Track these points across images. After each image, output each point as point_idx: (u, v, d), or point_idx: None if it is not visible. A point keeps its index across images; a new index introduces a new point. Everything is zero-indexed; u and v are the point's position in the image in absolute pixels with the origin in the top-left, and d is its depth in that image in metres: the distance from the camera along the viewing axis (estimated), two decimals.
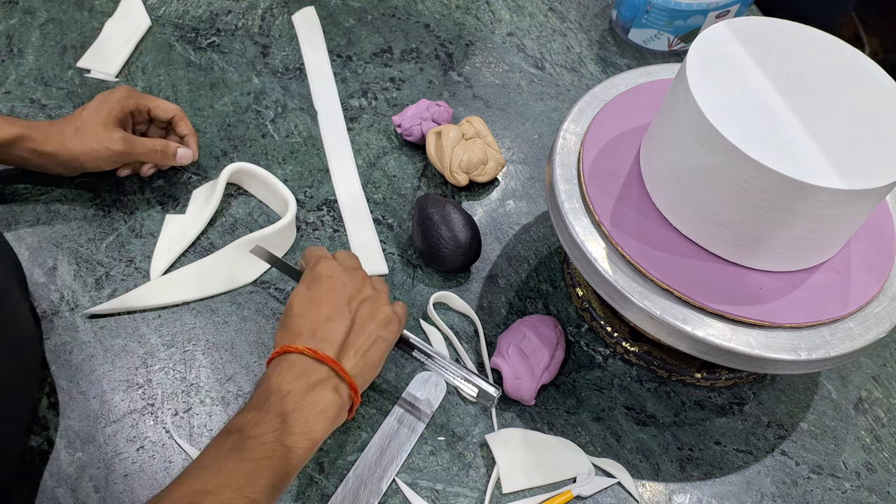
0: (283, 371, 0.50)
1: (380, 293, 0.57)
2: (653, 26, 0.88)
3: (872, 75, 0.53)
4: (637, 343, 0.65)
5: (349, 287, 0.55)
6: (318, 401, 0.49)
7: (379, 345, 0.55)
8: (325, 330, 0.52)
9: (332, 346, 0.52)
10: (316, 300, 0.54)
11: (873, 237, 0.58)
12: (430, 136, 0.74)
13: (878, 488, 0.62)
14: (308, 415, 0.49)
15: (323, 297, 0.54)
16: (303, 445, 0.48)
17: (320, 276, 0.56)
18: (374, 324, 0.55)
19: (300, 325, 0.53)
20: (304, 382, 0.50)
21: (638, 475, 0.61)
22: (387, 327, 0.55)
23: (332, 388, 0.50)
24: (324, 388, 0.50)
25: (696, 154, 0.50)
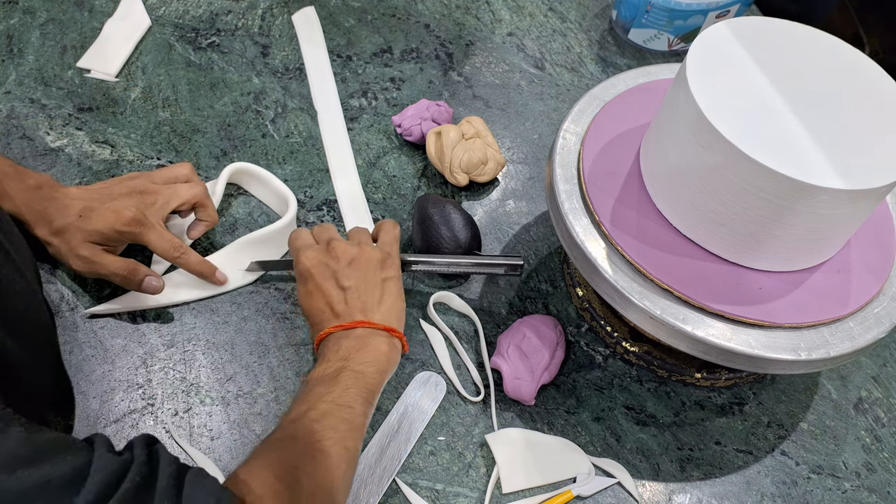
0: (339, 342, 0.55)
1: (359, 245, 0.60)
2: (653, 26, 0.88)
3: (872, 75, 0.53)
4: (637, 343, 0.65)
5: (331, 265, 0.58)
6: (375, 349, 0.55)
7: (389, 286, 0.59)
8: (337, 310, 0.56)
9: (374, 312, 0.57)
10: (313, 293, 0.58)
11: (873, 237, 0.58)
12: (430, 136, 0.74)
13: (878, 488, 0.62)
14: (366, 355, 0.54)
15: (316, 287, 0.58)
16: (372, 370, 0.54)
17: (305, 271, 0.58)
18: (371, 274, 0.58)
19: (315, 317, 0.57)
20: (360, 342, 0.55)
21: (638, 475, 0.61)
22: (384, 268, 0.59)
23: (387, 338, 0.56)
24: (378, 341, 0.55)
25: (696, 154, 0.50)
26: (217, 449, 0.59)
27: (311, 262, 0.58)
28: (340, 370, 0.53)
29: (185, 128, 0.77)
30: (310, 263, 0.58)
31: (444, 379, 0.64)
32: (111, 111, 0.78)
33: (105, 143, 0.75)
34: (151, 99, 0.79)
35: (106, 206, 0.61)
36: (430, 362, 0.65)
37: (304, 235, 0.62)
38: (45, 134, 0.75)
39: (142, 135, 0.76)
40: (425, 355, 0.65)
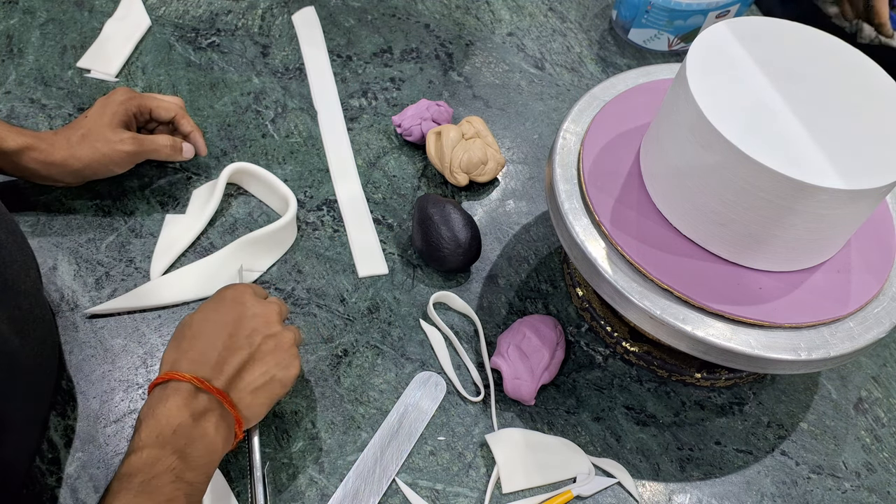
0: (167, 400, 0.48)
1: (289, 333, 0.54)
2: (653, 26, 0.88)
3: (872, 75, 0.53)
4: (637, 343, 0.65)
5: (258, 319, 0.53)
6: (207, 432, 0.48)
7: (273, 385, 0.52)
8: (220, 358, 0.50)
9: (222, 377, 0.50)
10: (218, 324, 0.52)
11: (873, 237, 0.58)
12: (430, 136, 0.74)
13: (878, 488, 0.62)
14: (201, 448, 0.47)
15: (226, 322, 0.52)
16: (202, 479, 0.47)
17: (229, 299, 0.54)
18: (273, 361, 0.52)
19: (194, 347, 0.51)
20: (189, 413, 0.47)
21: (638, 475, 0.61)
22: (286, 369, 0.53)
23: (219, 418, 0.49)
24: (210, 419, 0.48)
25: (696, 154, 0.50)
26: None
27: (242, 300, 0.54)
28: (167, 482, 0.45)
29: None
30: (240, 300, 0.54)
31: (444, 379, 0.64)
32: None
33: None
34: None
35: (96, 104, 0.67)
36: (430, 362, 0.65)
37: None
38: None
39: None
40: (425, 355, 0.65)
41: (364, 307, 0.67)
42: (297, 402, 0.61)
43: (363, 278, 0.69)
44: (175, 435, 0.46)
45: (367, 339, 0.65)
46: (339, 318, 0.66)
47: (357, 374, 0.63)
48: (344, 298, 0.68)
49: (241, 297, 0.54)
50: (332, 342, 0.65)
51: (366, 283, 0.69)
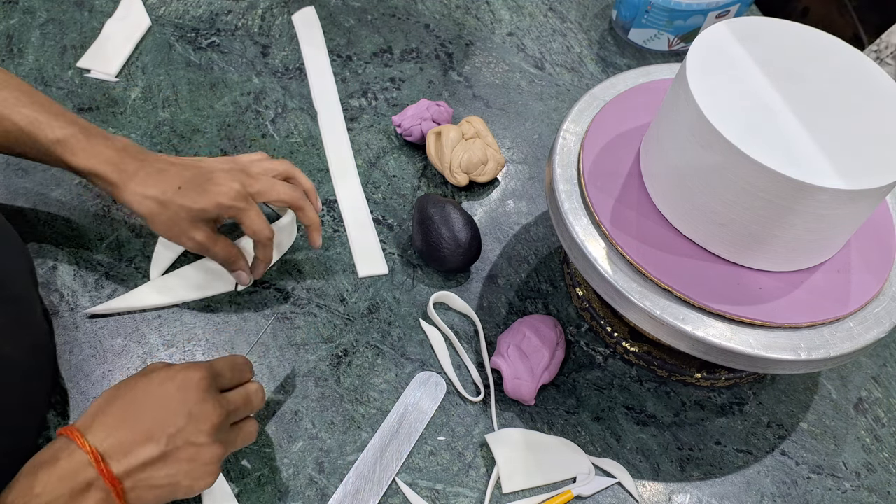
0: (57, 462, 0.44)
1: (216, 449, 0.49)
2: (653, 26, 0.88)
3: (872, 75, 0.53)
4: (637, 343, 0.65)
5: (190, 420, 0.48)
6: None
7: (174, 490, 0.48)
8: (133, 443, 0.46)
9: (125, 463, 0.45)
10: (150, 407, 0.48)
11: (873, 237, 0.58)
12: (430, 136, 0.74)
13: (878, 488, 0.62)
14: None
15: (158, 407, 0.48)
16: None
17: (178, 383, 0.49)
18: (185, 469, 0.47)
19: (115, 415, 0.47)
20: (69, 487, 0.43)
21: (638, 475, 0.61)
22: (194, 481, 0.48)
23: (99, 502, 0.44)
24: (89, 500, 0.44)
25: (696, 154, 0.50)
26: None
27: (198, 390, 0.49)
28: None
29: (185, 128, 0.77)
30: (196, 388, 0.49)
31: (444, 379, 0.64)
32: (111, 111, 0.78)
33: None
34: (151, 99, 0.79)
35: (209, 180, 0.58)
36: (430, 362, 0.65)
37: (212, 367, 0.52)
38: None
39: (142, 135, 0.76)
40: (425, 355, 0.65)
41: (364, 307, 0.67)
42: (297, 402, 0.61)
43: (363, 278, 0.69)
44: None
45: (367, 339, 0.65)
46: (339, 318, 0.66)
47: (357, 374, 0.63)
48: (344, 298, 0.68)
49: (191, 387, 0.49)
50: (332, 342, 0.65)
51: (366, 283, 0.69)
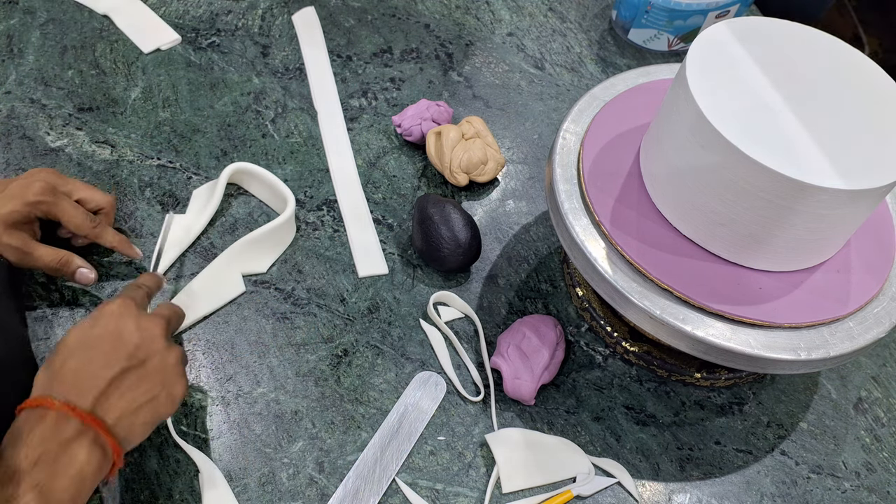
0: (32, 428, 0.44)
1: (175, 350, 0.51)
2: (653, 26, 0.88)
3: (872, 75, 0.53)
4: (637, 343, 0.65)
5: (141, 333, 0.50)
6: (74, 461, 0.44)
7: (159, 404, 0.49)
8: (92, 376, 0.47)
9: (91, 395, 0.46)
10: (95, 341, 0.49)
11: (873, 237, 0.58)
12: (430, 136, 0.74)
13: (878, 488, 0.62)
14: (65, 480, 0.44)
15: (104, 338, 0.49)
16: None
17: (107, 314, 0.50)
18: (157, 378, 0.49)
19: (65, 368, 0.47)
20: (56, 442, 0.44)
21: (638, 475, 0.61)
22: (171, 387, 0.50)
23: (91, 442, 0.45)
24: (80, 446, 0.45)
25: (696, 154, 0.50)
26: (217, 449, 0.59)
27: (124, 313, 0.50)
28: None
29: (185, 128, 0.77)
30: (121, 313, 0.50)
31: (444, 379, 0.64)
32: (111, 111, 0.78)
33: (105, 143, 0.75)
34: (151, 99, 0.79)
35: (13, 185, 0.58)
36: (430, 362, 0.65)
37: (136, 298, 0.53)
38: (45, 134, 0.75)
39: (142, 135, 0.76)
40: (425, 355, 0.65)
41: (364, 307, 0.67)
42: (297, 402, 0.61)
43: (363, 278, 0.69)
44: (36, 468, 0.43)
45: (367, 339, 0.65)
46: (339, 318, 0.66)
47: (357, 374, 0.63)
48: (344, 298, 0.68)
49: (122, 311, 0.50)
50: (332, 342, 0.65)
51: (366, 283, 0.69)
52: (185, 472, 0.57)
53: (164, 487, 0.56)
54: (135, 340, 0.49)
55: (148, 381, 0.49)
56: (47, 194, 0.59)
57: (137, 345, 0.49)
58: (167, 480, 0.57)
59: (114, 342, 0.49)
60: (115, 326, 0.50)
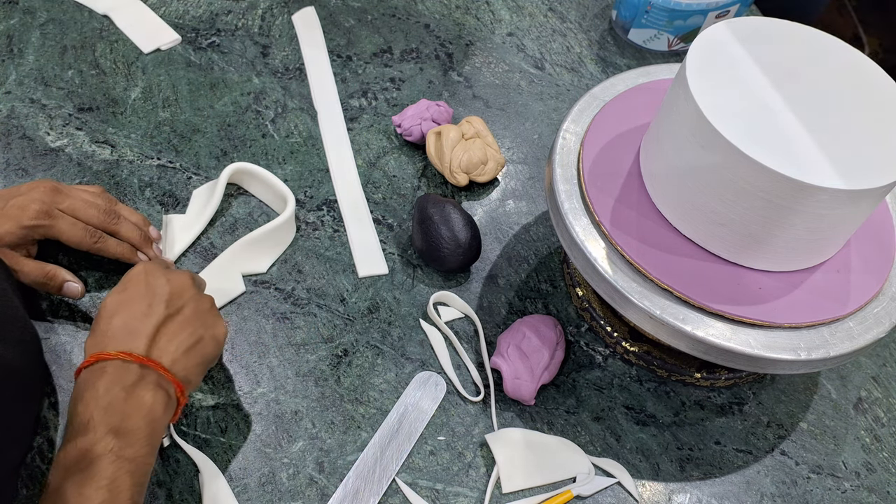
0: (95, 382, 0.48)
1: (207, 297, 0.55)
2: (653, 26, 0.88)
3: (872, 75, 0.53)
4: (637, 343, 0.65)
5: (172, 284, 0.53)
6: (142, 403, 0.47)
7: (205, 344, 0.53)
8: (139, 325, 0.50)
9: (142, 341, 0.49)
10: (132, 299, 0.52)
11: (873, 237, 0.58)
12: (430, 136, 0.74)
13: (878, 488, 0.62)
14: (138, 420, 0.47)
15: (139, 294, 0.52)
16: (145, 452, 0.47)
17: (137, 274, 0.53)
18: (198, 322, 0.53)
19: (111, 326, 0.50)
20: (120, 388, 0.47)
21: (638, 475, 0.61)
22: (213, 328, 0.54)
23: (154, 385, 0.49)
24: (144, 388, 0.48)
25: (696, 154, 0.50)
26: (217, 449, 0.59)
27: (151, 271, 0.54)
28: (108, 465, 0.45)
29: (185, 128, 0.77)
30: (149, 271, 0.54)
31: (444, 379, 0.64)
32: (111, 111, 0.78)
33: (105, 143, 0.75)
34: (151, 99, 0.79)
35: (10, 205, 0.58)
36: (430, 362, 0.65)
37: None
38: (45, 134, 0.75)
39: (142, 135, 0.76)
40: (425, 355, 0.65)
41: (364, 307, 0.67)
42: (297, 402, 0.61)
43: (363, 278, 0.69)
44: (107, 414, 0.46)
45: (367, 339, 0.65)
46: (339, 318, 0.66)
47: (357, 374, 0.63)
48: (344, 298, 0.68)
49: (149, 269, 0.54)
50: (332, 342, 0.65)
51: (366, 283, 0.69)
52: (185, 472, 0.57)
53: (164, 487, 0.56)
54: (168, 290, 0.52)
55: (190, 325, 0.52)
56: (43, 217, 0.58)
57: (172, 294, 0.52)
58: (167, 480, 0.57)
59: (150, 296, 0.52)
60: (146, 284, 0.53)
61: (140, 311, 0.51)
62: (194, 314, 0.53)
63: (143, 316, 0.51)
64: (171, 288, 0.53)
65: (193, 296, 0.54)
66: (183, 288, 0.54)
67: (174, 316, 0.52)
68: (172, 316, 0.52)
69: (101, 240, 0.62)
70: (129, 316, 0.51)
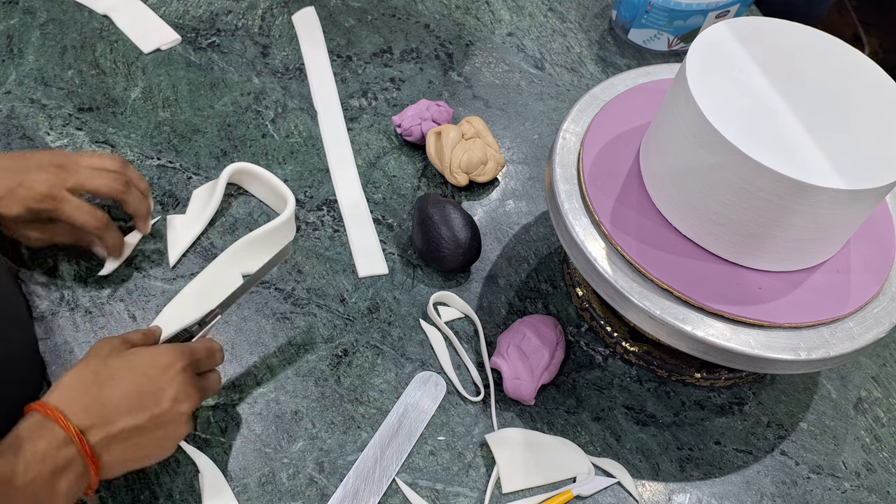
0: (39, 440, 0.45)
1: (188, 428, 0.52)
2: (653, 26, 0.88)
3: (872, 75, 0.53)
4: (637, 343, 0.65)
5: (174, 405, 0.50)
6: (58, 493, 0.45)
7: (147, 460, 0.51)
8: (111, 416, 0.48)
9: (100, 433, 0.47)
10: (134, 380, 0.49)
11: (873, 237, 0.58)
12: (430, 136, 0.74)
13: (878, 488, 0.62)
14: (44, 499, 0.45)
15: (143, 386, 0.49)
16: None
17: (163, 362, 0.51)
18: (160, 443, 0.50)
19: (92, 391, 0.48)
20: (51, 467, 0.45)
21: (638, 475, 0.61)
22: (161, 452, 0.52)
23: (77, 477, 0.46)
24: (67, 477, 0.46)
25: (696, 154, 0.50)
26: (217, 449, 0.59)
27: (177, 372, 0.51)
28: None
29: (185, 128, 0.77)
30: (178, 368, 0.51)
31: (444, 379, 0.64)
32: (111, 111, 0.78)
33: (105, 143, 0.75)
34: (151, 99, 0.79)
35: (18, 184, 0.58)
36: (430, 362, 0.65)
37: None
38: (45, 134, 0.75)
39: (142, 135, 0.76)
40: (425, 355, 0.65)
41: (364, 307, 0.67)
42: (297, 402, 0.61)
43: (363, 278, 0.69)
44: (29, 487, 0.44)
45: (367, 339, 0.65)
46: (339, 318, 0.66)
47: (357, 374, 0.63)
48: (344, 298, 0.68)
49: (176, 371, 0.51)
50: (332, 342, 0.65)
51: (366, 283, 0.69)
52: (185, 472, 0.57)
53: (164, 487, 0.56)
54: (165, 406, 0.50)
55: (154, 444, 0.50)
56: (47, 201, 0.59)
57: (166, 410, 0.50)
58: (167, 480, 0.57)
59: (147, 397, 0.49)
60: (158, 381, 0.50)
61: (127, 403, 0.48)
62: (165, 436, 0.50)
63: (124, 412, 0.48)
64: (171, 405, 0.50)
65: (182, 423, 0.51)
66: (180, 413, 0.51)
67: (150, 430, 0.49)
68: (148, 430, 0.49)
69: (106, 227, 0.62)
70: (115, 398, 0.48)
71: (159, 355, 0.52)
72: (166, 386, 0.50)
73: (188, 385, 0.51)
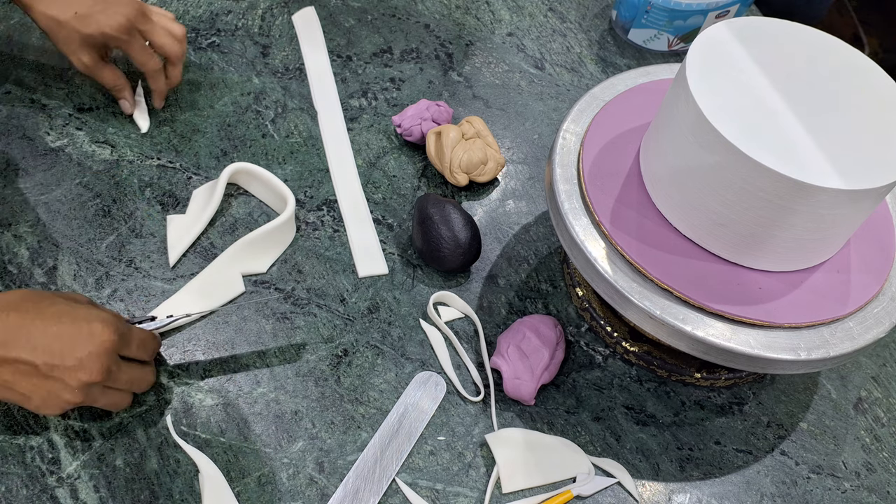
0: None
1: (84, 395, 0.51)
2: (653, 26, 0.88)
3: (872, 75, 0.53)
4: (637, 343, 0.65)
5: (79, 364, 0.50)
6: None
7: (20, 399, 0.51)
8: (16, 343, 0.49)
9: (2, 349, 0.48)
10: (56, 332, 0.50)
11: (873, 237, 0.58)
12: (430, 136, 0.74)
13: (878, 488, 0.62)
14: None
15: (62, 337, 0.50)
16: None
17: (97, 317, 0.52)
18: (42, 394, 0.50)
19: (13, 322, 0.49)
20: None
21: (638, 475, 0.61)
22: (44, 406, 0.51)
23: None
24: None
25: (696, 154, 0.50)
26: (217, 449, 0.59)
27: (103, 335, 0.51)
28: None
29: (185, 128, 0.77)
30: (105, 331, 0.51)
31: (444, 379, 0.64)
32: (111, 111, 0.78)
33: (105, 143, 0.75)
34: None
35: (101, 9, 0.66)
36: (430, 362, 0.65)
37: None
38: (45, 134, 0.75)
39: (142, 135, 0.76)
40: (425, 355, 0.65)
41: (364, 307, 0.67)
42: (297, 402, 0.61)
43: (363, 278, 0.69)
44: None
45: (367, 339, 0.65)
46: (339, 318, 0.66)
47: (357, 374, 0.63)
48: (344, 298, 0.68)
49: (98, 341, 0.51)
50: (332, 342, 0.65)
51: (366, 283, 0.69)
52: (185, 472, 0.57)
53: (164, 487, 0.56)
54: (68, 363, 0.50)
55: (37, 390, 0.50)
56: (123, 32, 0.68)
57: (67, 367, 0.50)
58: (167, 480, 0.57)
59: (58, 344, 0.50)
60: (76, 338, 0.50)
61: (33, 342, 0.49)
62: (50, 391, 0.50)
63: (26, 346, 0.49)
64: (77, 367, 0.50)
65: (74, 387, 0.50)
66: (81, 374, 0.50)
67: (39, 373, 0.49)
68: (39, 371, 0.49)
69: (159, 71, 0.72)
70: (24, 336, 0.49)
71: (96, 320, 0.51)
72: (80, 347, 0.50)
73: (101, 358, 0.51)
